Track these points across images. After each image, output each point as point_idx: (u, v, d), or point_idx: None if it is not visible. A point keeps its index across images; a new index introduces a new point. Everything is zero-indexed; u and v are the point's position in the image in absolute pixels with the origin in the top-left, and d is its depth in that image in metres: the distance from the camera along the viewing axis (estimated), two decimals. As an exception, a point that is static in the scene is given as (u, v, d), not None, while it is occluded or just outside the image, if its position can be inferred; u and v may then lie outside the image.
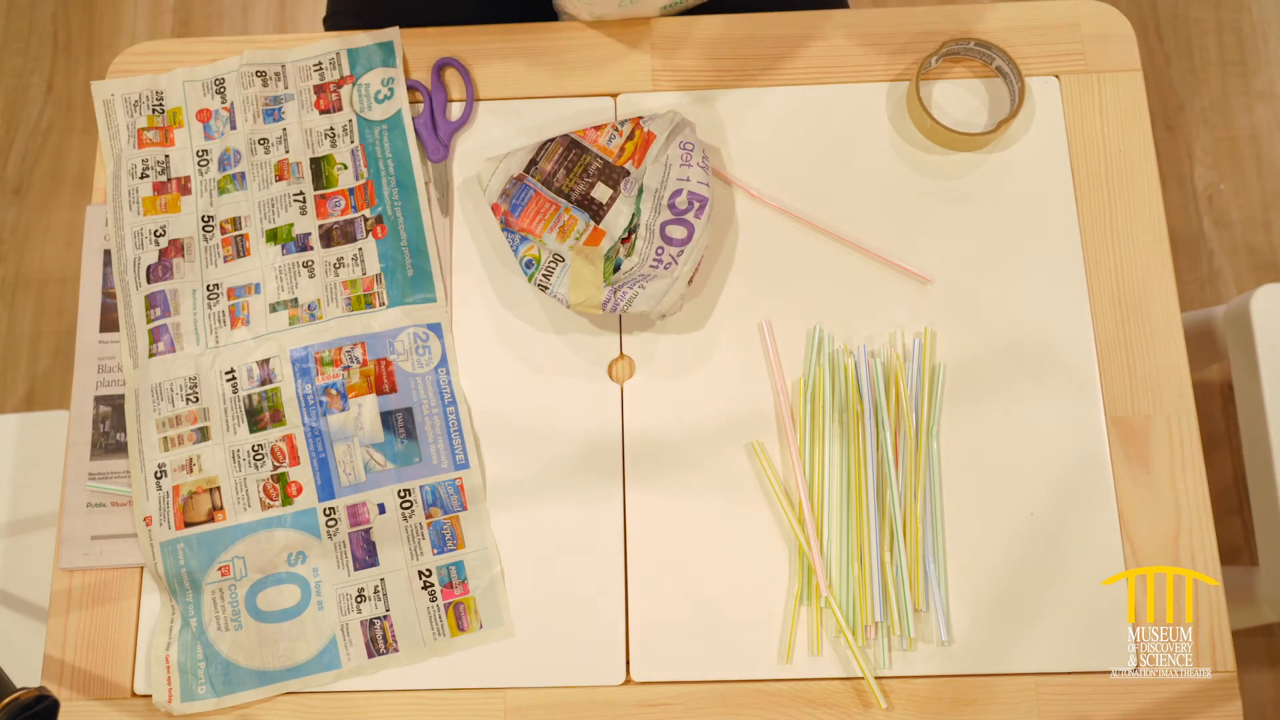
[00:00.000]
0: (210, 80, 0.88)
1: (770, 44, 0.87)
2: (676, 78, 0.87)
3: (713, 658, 0.74)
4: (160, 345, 0.81)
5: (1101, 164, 0.83)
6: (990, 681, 0.73)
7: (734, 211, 0.84)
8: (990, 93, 0.85)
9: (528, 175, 0.81)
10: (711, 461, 0.78)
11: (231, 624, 0.76)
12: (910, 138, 0.84)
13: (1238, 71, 1.61)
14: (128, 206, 0.85)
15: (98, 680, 0.76)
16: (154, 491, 0.78)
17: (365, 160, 0.85)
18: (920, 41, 0.86)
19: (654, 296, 0.76)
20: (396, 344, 0.80)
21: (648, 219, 0.79)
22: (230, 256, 0.83)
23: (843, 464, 0.77)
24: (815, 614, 0.74)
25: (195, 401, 0.80)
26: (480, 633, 0.76)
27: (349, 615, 0.76)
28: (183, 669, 0.75)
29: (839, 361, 0.79)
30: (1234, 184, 1.57)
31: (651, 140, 0.81)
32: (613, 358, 0.81)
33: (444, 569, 0.77)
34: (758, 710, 0.73)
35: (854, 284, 0.81)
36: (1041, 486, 0.76)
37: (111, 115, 0.88)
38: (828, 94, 0.86)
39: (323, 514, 0.77)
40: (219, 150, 0.86)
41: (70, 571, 0.78)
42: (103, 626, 0.77)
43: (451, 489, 0.78)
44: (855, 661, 0.73)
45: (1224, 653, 0.73)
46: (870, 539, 0.75)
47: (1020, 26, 0.86)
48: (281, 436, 0.79)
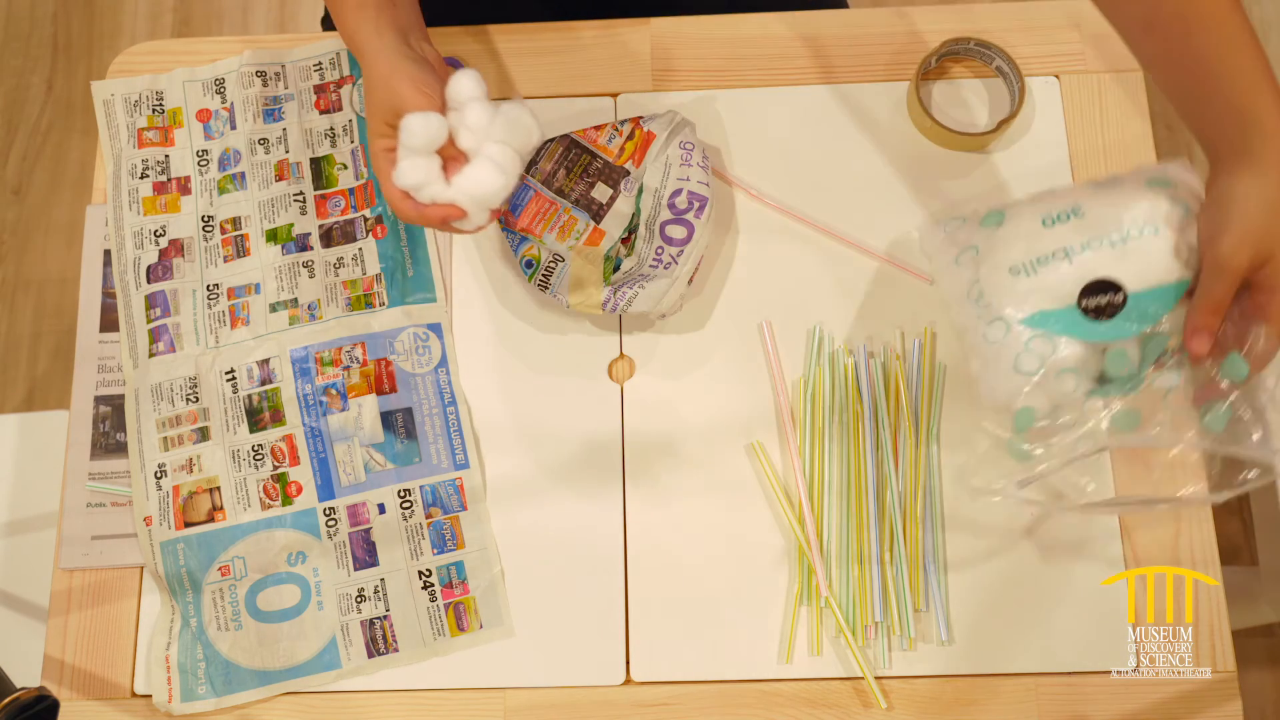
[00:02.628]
0: (210, 80, 0.88)
1: (770, 44, 0.87)
2: (676, 78, 0.87)
3: (713, 658, 0.74)
4: (160, 345, 0.81)
5: (1101, 164, 0.83)
6: (990, 681, 0.73)
7: (734, 211, 0.84)
8: (990, 93, 0.85)
9: (528, 175, 0.81)
10: (711, 461, 0.78)
11: (231, 624, 0.76)
12: (910, 138, 0.84)
13: (1238, 71, 1.61)
14: (128, 206, 0.85)
15: (98, 680, 0.76)
16: (154, 491, 0.78)
17: (365, 160, 0.85)
18: (920, 41, 0.86)
19: (654, 296, 0.76)
20: (396, 344, 0.80)
21: (648, 219, 0.79)
22: (230, 256, 0.83)
23: (843, 464, 0.77)
24: (815, 614, 0.74)
25: (195, 401, 0.80)
26: (480, 633, 0.76)
27: (349, 615, 0.76)
28: (183, 669, 0.75)
29: (839, 361, 0.79)
30: (1234, 184, 1.56)
31: (651, 140, 0.81)
32: (613, 358, 0.81)
33: (444, 569, 0.77)
34: (758, 710, 0.73)
35: (854, 284, 0.81)
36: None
37: (111, 115, 0.88)
38: (828, 94, 0.86)
39: (323, 514, 0.77)
40: (219, 150, 0.86)
41: (70, 571, 0.78)
42: (103, 626, 0.77)
43: (451, 489, 0.78)
44: (855, 661, 0.73)
45: (1224, 653, 0.73)
46: (870, 539, 0.75)
47: (1020, 26, 0.86)
48: (281, 436, 0.79)
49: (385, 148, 0.69)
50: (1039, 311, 0.68)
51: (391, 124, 0.68)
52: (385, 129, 0.68)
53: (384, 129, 0.68)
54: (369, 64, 0.69)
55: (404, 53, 0.69)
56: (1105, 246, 0.68)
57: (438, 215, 0.68)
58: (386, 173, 0.68)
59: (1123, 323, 0.67)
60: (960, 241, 0.74)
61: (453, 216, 0.68)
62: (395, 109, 0.67)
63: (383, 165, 0.69)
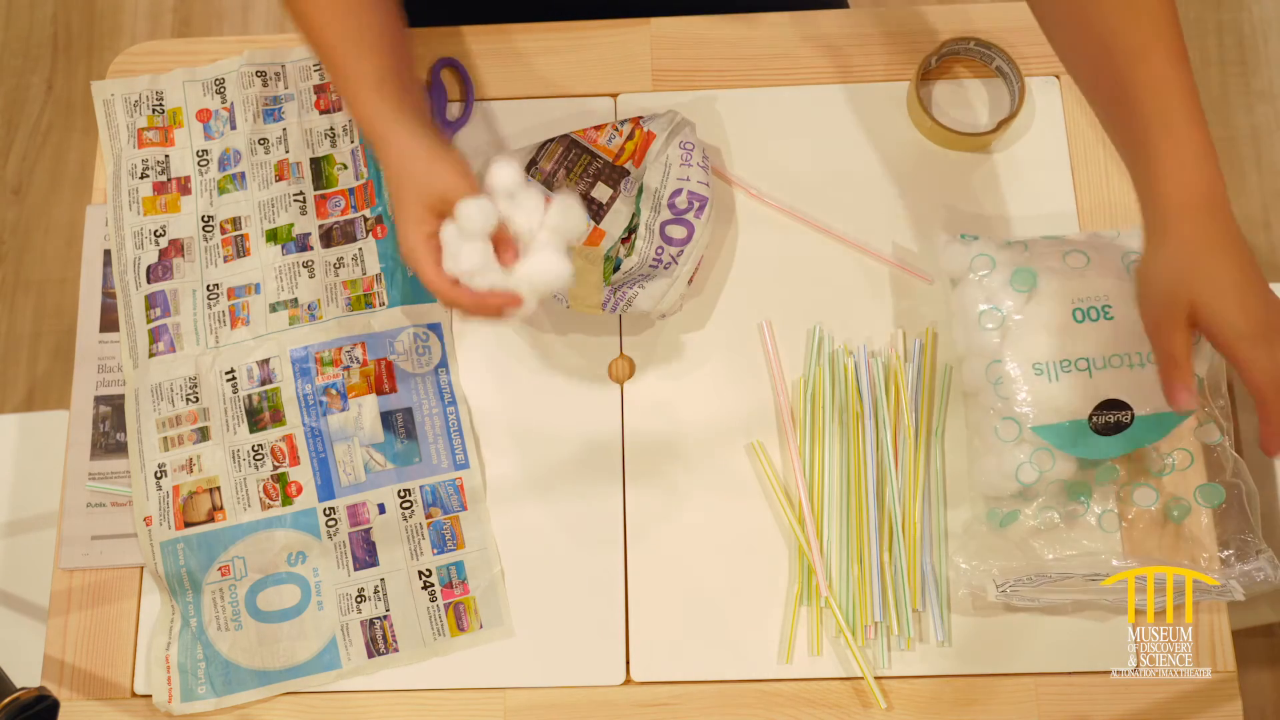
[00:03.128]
0: (210, 80, 0.88)
1: (770, 44, 0.87)
2: (676, 78, 0.87)
3: (713, 658, 0.74)
4: (160, 345, 0.81)
5: (1101, 164, 0.83)
6: (990, 681, 0.73)
7: (734, 211, 0.83)
8: (990, 93, 0.85)
9: (528, 175, 0.81)
10: (711, 461, 0.78)
11: (231, 624, 0.76)
12: (910, 138, 0.84)
13: (1238, 71, 1.61)
14: (128, 206, 0.85)
15: (98, 680, 0.76)
16: (154, 491, 0.78)
17: (365, 160, 0.85)
18: (920, 41, 0.86)
19: (654, 296, 0.76)
20: (396, 344, 0.80)
21: (648, 219, 0.79)
22: (230, 256, 0.83)
23: (843, 464, 0.77)
24: (815, 614, 0.74)
25: (195, 401, 0.80)
26: (480, 633, 0.76)
27: (349, 615, 0.76)
28: (183, 669, 0.75)
29: (839, 361, 0.79)
30: (1234, 184, 1.57)
31: (651, 140, 0.81)
32: (613, 358, 0.81)
33: (444, 569, 0.77)
34: (758, 710, 0.73)
35: (854, 284, 0.81)
36: (1041, 486, 0.76)
37: (111, 115, 0.88)
38: (828, 94, 0.86)
39: (323, 514, 0.77)
40: (219, 150, 0.86)
41: (70, 571, 0.78)
42: (103, 626, 0.77)
43: (451, 489, 0.78)
44: (855, 661, 0.73)
45: (1224, 653, 0.73)
46: (870, 539, 0.75)
47: (1020, 26, 0.86)
48: (281, 436, 0.79)
49: (427, 234, 0.66)
50: (1051, 424, 0.71)
51: (437, 210, 0.66)
52: (427, 215, 0.66)
53: (425, 215, 0.66)
54: (399, 151, 0.67)
55: (438, 139, 0.68)
56: (1125, 368, 0.71)
57: (498, 303, 0.66)
58: (432, 260, 0.66)
59: (1122, 441, 0.71)
60: (987, 289, 0.74)
61: (513, 304, 0.66)
62: (443, 196, 0.65)
63: (425, 254, 0.66)
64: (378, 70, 0.69)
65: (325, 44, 0.70)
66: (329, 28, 0.70)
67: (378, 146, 0.69)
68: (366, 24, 0.70)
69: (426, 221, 0.66)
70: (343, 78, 0.70)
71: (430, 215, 0.66)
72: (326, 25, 0.70)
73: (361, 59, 0.70)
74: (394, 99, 0.69)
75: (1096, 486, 0.73)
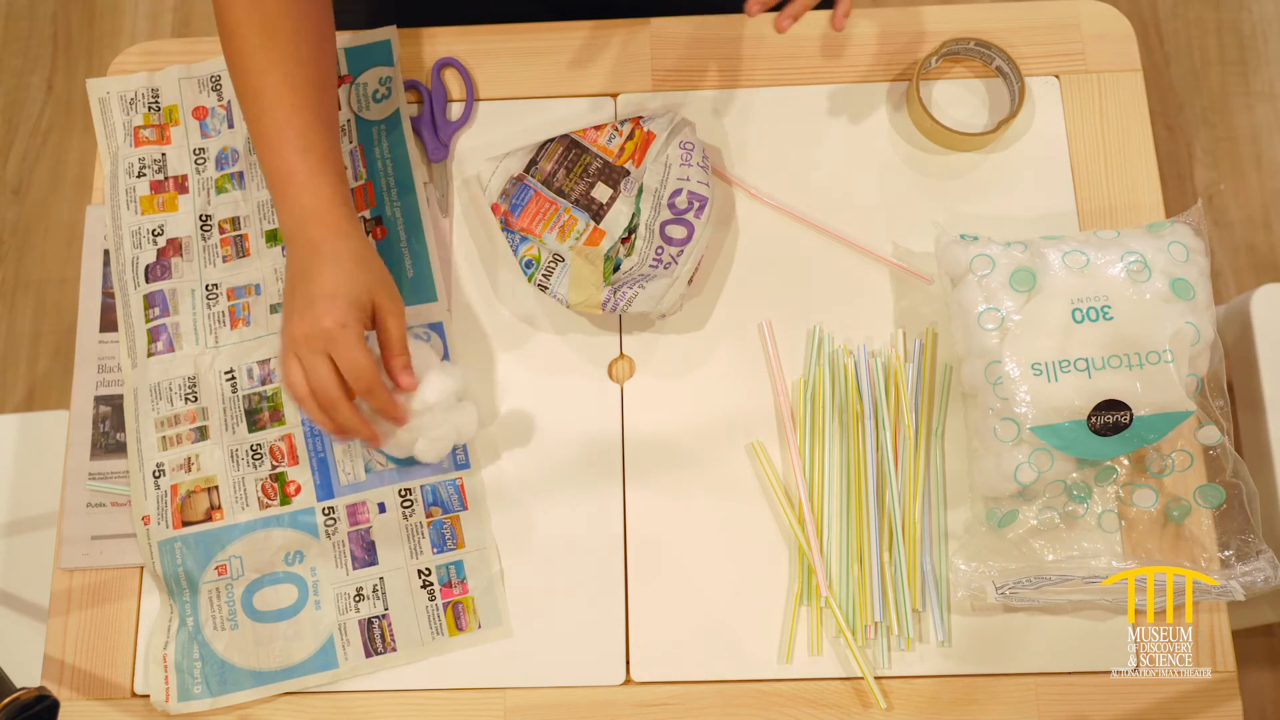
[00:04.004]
0: (206, 77, 0.88)
1: (770, 44, 0.87)
2: (676, 78, 0.87)
3: (713, 658, 0.74)
4: (159, 345, 0.81)
5: (1101, 164, 0.83)
6: (990, 681, 0.73)
7: (734, 211, 0.83)
8: (990, 93, 0.85)
9: (528, 175, 0.81)
10: (711, 461, 0.78)
11: (227, 623, 0.76)
12: (910, 138, 0.84)
13: (1238, 71, 1.61)
14: (125, 205, 0.85)
15: (98, 680, 0.76)
16: (152, 490, 0.78)
17: (364, 161, 0.85)
18: (920, 41, 0.86)
19: (654, 296, 0.76)
20: (396, 344, 0.80)
21: (648, 219, 0.79)
22: (230, 257, 0.83)
23: (843, 464, 0.77)
24: (815, 614, 0.74)
25: (194, 401, 0.79)
26: (479, 632, 0.76)
27: (347, 615, 0.76)
28: (179, 668, 0.75)
29: (839, 361, 0.79)
30: (1234, 184, 1.56)
31: (651, 140, 0.81)
32: (613, 358, 0.81)
33: (443, 568, 0.77)
34: (758, 710, 0.73)
35: (854, 284, 0.81)
36: (1041, 486, 0.76)
37: (107, 113, 0.88)
38: (828, 94, 0.86)
39: (321, 513, 0.77)
40: (216, 148, 0.86)
41: (70, 571, 0.78)
42: (102, 626, 0.77)
43: (452, 489, 0.78)
44: (855, 661, 0.72)
45: (1224, 653, 0.73)
46: (870, 539, 0.75)
47: (1020, 26, 0.86)
48: (281, 436, 0.79)
49: (348, 322, 0.68)
50: (1050, 424, 0.70)
51: (364, 310, 0.69)
52: (357, 313, 0.69)
53: (356, 313, 0.69)
54: (343, 238, 0.70)
55: (368, 242, 0.72)
56: (1124, 368, 0.71)
57: (367, 429, 0.71)
58: (347, 352, 0.68)
59: (1121, 441, 0.70)
60: (986, 289, 0.74)
61: (372, 437, 0.72)
62: (367, 306, 0.70)
63: (340, 342, 0.68)
64: (333, 153, 0.73)
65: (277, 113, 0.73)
66: (283, 102, 0.73)
67: (314, 227, 0.71)
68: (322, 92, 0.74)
69: (355, 319, 0.69)
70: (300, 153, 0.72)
71: (359, 313, 0.69)
72: (280, 100, 0.73)
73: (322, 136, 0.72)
74: (335, 179, 0.72)
75: (1096, 487, 0.73)
